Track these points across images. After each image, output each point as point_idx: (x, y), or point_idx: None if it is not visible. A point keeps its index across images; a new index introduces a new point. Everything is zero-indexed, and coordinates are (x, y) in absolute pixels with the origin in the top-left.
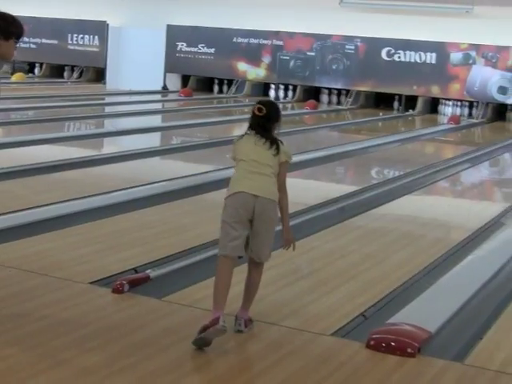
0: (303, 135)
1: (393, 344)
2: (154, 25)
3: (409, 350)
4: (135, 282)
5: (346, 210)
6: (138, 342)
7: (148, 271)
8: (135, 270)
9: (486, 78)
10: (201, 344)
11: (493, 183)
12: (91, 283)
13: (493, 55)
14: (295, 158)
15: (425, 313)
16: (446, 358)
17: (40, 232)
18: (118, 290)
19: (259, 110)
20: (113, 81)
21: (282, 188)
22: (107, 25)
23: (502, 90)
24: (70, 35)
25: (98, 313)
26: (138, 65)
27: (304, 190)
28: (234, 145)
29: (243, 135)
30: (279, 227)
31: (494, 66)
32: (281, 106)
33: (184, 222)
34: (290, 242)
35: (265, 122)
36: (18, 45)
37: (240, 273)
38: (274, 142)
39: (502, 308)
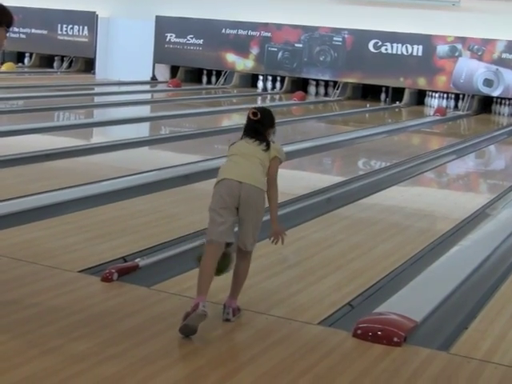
0: (291, 126)
1: (379, 333)
2: (143, 16)
3: (395, 340)
4: (124, 271)
5: (333, 201)
6: (127, 330)
7: (137, 260)
8: (124, 259)
9: (472, 71)
10: (186, 332)
11: (478, 175)
12: (80, 271)
13: (479, 48)
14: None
15: (411, 302)
16: (431, 347)
17: (30, 220)
18: (107, 279)
19: (254, 114)
20: (102, 71)
21: (271, 181)
22: (96, 15)
23: (488, 82)
24: (59, 25)
25: (87, 301)
26: (127, 55)
27: (292, 181)
28: (229, 149)
29: (238, 140)
30: (267, 217)
31: (480, 58)
32: (268, 96)
33: (173, 212)
34: (278, 235)
35: (258, 127)
36: (8, 34)
37: None
38: (265, 140)
39: (487, 298)
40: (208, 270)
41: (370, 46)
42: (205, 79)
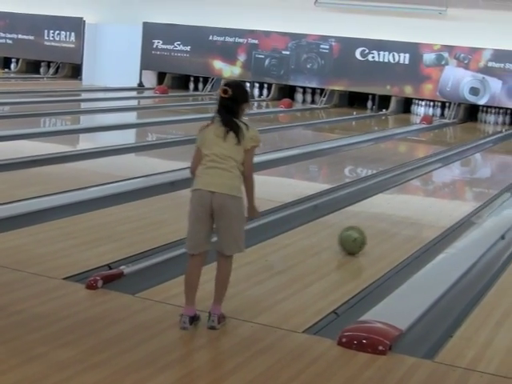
0: (278, 133)
1: (364, 341)
2: (131, 22)
3: (380, 348)
4: (109, 278)
5: (319, 208)
6: (112, 338)
7: (122, 267)
8: (109, 266)
9: (458, 79)
10: None
11: (464, 183)
12: (65, 279)
13: (465, 56)
14: (270, 157)
15: (396, 310)
16: (416, 356)
17: (16, 227)
18: (91, 286)
19: (224, 91)
20: (89, 77)
21: (246, 173)
22: (84, 21)
23: (474, 90)
24: (46, 31)
25: (72, 308)
26: (114, 61)
27: (278, 188)
28: (199, 133)
29: (210, 122)
30: (249, 226)
31: (467, 67)
32: (255, 104)
33: (160, 218)
34: (253, 215)
35: (231, 105)
36: None
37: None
38: (237, 130)
39: (472, 306)
40: (192, 280)
41: (357, 53)
42: (192, 86)
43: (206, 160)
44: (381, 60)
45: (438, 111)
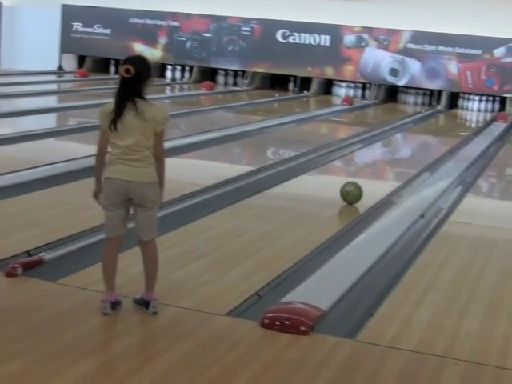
0: (200, 116)
1: (286, 322)
2: (49, 4)
3: (302, 328)
4: (29, 265)
5: (242, 190)
6: (33, 326)
7: (42, 254)
8: (28, 253)
9: (379, 60)
10: None
11: (385, 163)
12: None
13: (385, 38)
14: (192, 139)
15: (318, 291)
16: (338, 335)
17: None
18: (11, 274)
19: (127, 71)
20: (7, 61)
21: (159, 156)
22: (0, 3)
23: (394, 71)
24: None
25: None
26: (33, 45)
27: (201, 171)
28: (103, 112)
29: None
30: (174, 208)
31: (386, 48)
32: (177, 87)
33: (79, 204)
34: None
35: (134, 84)
36: None
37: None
38: (145, 111)
39: (392, 285)
40: (110, 265)
41: (278, 35)
42: (113, 69)
43: (120, 150)
44: (302, 42)
45: (359, 92)
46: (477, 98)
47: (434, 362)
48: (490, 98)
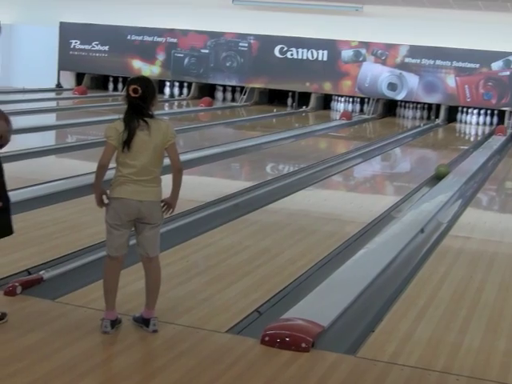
0: (198, 132)
1: (287, 339)
2: (47, 22)
3: (303, 345)
4: (28, 284)
5: (240, 206)
6: (32, 344)
7: (41, 272)
8: (28, 272)
9: (376, 75)
10: None
11: (384, 177)
12: None
13: (382, 53)
14: (190, 156)
15: (318, 307)
16: (339, 352)
17: None
18: (10, 292)
19: (135, 90)
20: (5, 79)
21: (177, 167)
22: None
23: (392, 86)
24: None
25: None
26: (31, 62)
27: (199, 187)
28: (115, 129)
29: (124, 119)
30: (174, 225)
31: (384, 63)
32: (176, 103)
33: (79, 222)
34: (170, 207)
35: (142, 104)
36: None
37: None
38: (155, 128)
39: (392, 300)
40: (112, 285)
41: (276, 51)
42: (111, 86)
43: (132, 171)
44: (299, 57)
45: (358, 107)
46: (475, 111)
47: (435, 377)
48: (489, 112)
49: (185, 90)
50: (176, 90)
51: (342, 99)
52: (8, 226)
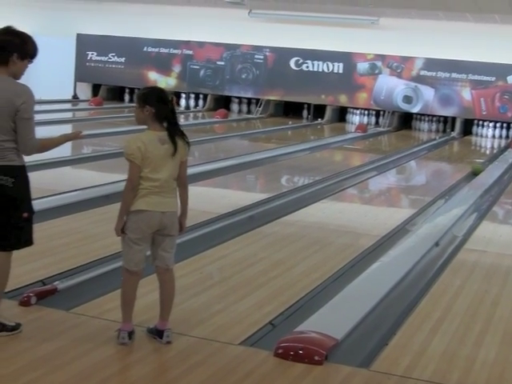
0: (214, 144)
1: (300, 352)
2: (64, 33)
3: (316, 358)
4: (43, 294)
5: (255, 218)
6: (45, 355)
7: (56, 283)
8: (43, 282)
9: (392, 88)
10: None
11: (399, 190)
12: None
13: (398, 65)
14: (206, 167)
15: (332, 320)
16: (352, 365)
17: None
18: (25, 303)
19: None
20: None
21: (183, 184)
22: None
23: (407, 99)
24: None
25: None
26: (48, 73)
27: (214, 199)
28: (137, 148)
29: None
30: (188, 237)
31: (399, 75)
32: (192, 115)
33: (93, 232)
34: (182, 227)
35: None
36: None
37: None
38: (180, 142)
39: (407, 313)
40: (131, 298)
41: (292, 63)
42: (127, 97)
43: (151, 185)
44: (315, 69)
45: (373, 119)
46: (491, 124)
47: None
48: (505, 125)
49: (200, 102)
50: (192, 102)
51: (358, 112)
52: (29, 237)
